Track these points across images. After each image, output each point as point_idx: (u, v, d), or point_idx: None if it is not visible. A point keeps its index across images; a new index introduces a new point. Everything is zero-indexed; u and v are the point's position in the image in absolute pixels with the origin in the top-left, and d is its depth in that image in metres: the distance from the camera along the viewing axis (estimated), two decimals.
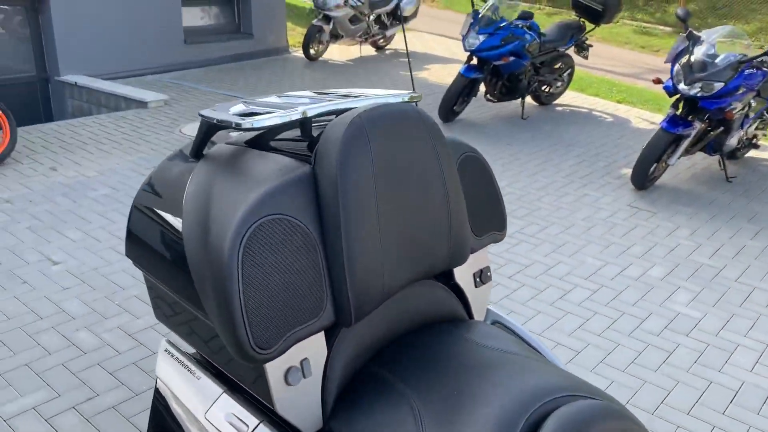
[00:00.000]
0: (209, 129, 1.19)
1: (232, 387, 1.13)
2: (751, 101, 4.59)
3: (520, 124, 5.83)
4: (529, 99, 6.42)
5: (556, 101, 6.60)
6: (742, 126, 4.65)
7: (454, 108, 5.59)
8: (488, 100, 5.87)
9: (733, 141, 4.62)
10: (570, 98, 6.81)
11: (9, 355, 2.47)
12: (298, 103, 1.19)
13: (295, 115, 1.11)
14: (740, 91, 4.20)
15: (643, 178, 4.33)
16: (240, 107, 1.18)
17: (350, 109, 1.17)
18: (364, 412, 1.00)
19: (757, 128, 4.97)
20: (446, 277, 1.31)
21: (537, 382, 0.98)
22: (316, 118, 1.22)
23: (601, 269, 3.38)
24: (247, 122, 1.06)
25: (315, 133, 1.20)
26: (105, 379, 2.36)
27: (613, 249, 3.61)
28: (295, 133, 1.26)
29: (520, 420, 0.89)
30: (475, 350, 1.08)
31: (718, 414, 2.37)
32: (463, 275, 1.31)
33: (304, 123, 1.16)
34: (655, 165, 4.33)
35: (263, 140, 1.23)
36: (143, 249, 1.18)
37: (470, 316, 1.33)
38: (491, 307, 1.45)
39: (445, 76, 7.57)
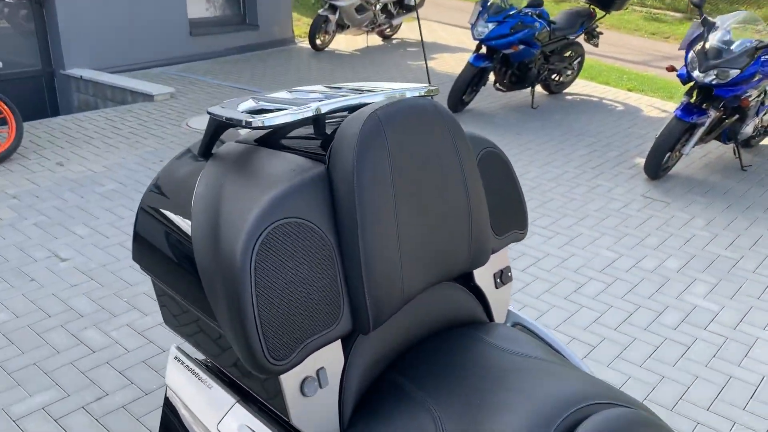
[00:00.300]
0: (218, 127, 1.14)
1: (245, 396, 1.08)
2: (767, 88, 4.50)
3: (530, 114, 5.76)
4: (538, 88, 6.34)
5: (566, 90, 6.51)
6: (757, 113, 4.56)
7: (464, 98, 5.52)
8: (497, 89, 5.79)
9: (748, 129, 4.54)
10: (580, 87, 6.72)
11: (17, 353, 2.44)
12: (310, 98, 1.13)
13: (308, 112, 1.06)
14: (756, 78, 4.11)
15: (657, 168, 4.26)
16: (249, 104, 1.13)
17: (365, 104, 1.11)
18: (382, 422, 0.95)
19: None
20: (466, 279, 1.25)
21: (565, 389, 0.93)
22: (330, 115, 1.16)
23: (615, 261, 3.32)
24: (257, 120, 1.01)
25: (329, 131, 1.15)
26: (114, 378, 2.33)
27: (628, 240, 3.55)
28: (308, 130, 1.21)
29: (550, 429, 0.84)
30: (497, 355, 1.03)
31: (739, 410, 2.31)
32: (483, 276, 1.26)
33: (318, 120, 1.11)
34: (668, 154, 4.25)
35: (275, 138, 1.18)
36: (151, 253, 1.14)
37: (490, 318, 1.27)
38: (511, 308, 1.40)
39: (453, 65, 7.49)
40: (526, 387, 0.93)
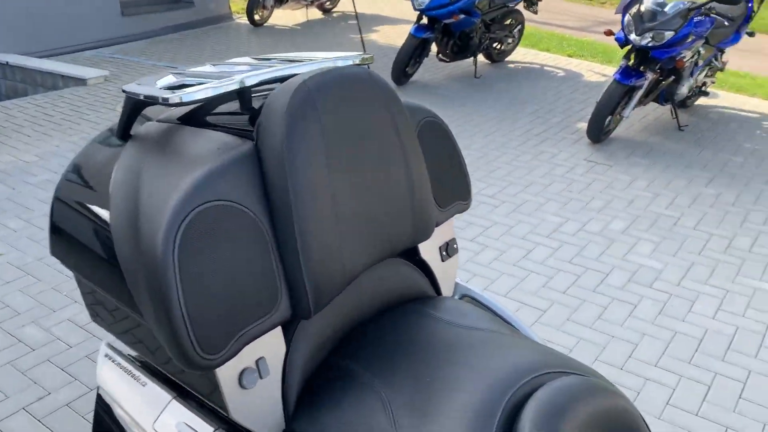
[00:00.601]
0: (135, 106, 1.06)
1: (182, 393, 1.03)
2: (700, 49, 4.60)
3: (473, 84, 5.76)
4: (481, 57, 6.34)
5: (508, 58, 6.53)
6: (692, 74, 4.67)
7: (407, 70, 5.47)
8: (441, 60, 5.76)
9: (684, 90, 4.64)
10: (521, 55, 6.76)
11: None
12: (235, 71, 1.07)
13: (231, 86, 0.99)
14: (690, 39, 4.19)
15: (599, 132, 4.32)
16: (169, 79, 1.06)
17: (295, 75, 1.06)
18: (329, 408, 0.92)
19: (706, 76, 5.01)
20: (411, 254, 1.22)
21: (515, 360, 0.91)
22: (257, 88, 1.10)
23: (562, 226, 3.37)
24: (175, 96, 0.94)
25: (257, 105, 1.08)
26: (56, 375, 2.24)
27: (573, 205, 3.60)
28: (236, 106, 1.14)
29: (500, 403, 0.83)
30: (446, 329, 1.01)
31: (685, 363, 2.39)
32: (428, 250, 1.23)
33: (243, 94, 1.04)
34: (609, 118, 4.32)
35: (198, 116, 1.11)
36: (70, 247, 1.06)
37: (438, 292, 1.25)
38: (459, 280, 1.38)
39: (395, 37, 7.41)
40: (476, 361, 0.92)
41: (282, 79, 1.08)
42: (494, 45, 6.16)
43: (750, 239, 3.30)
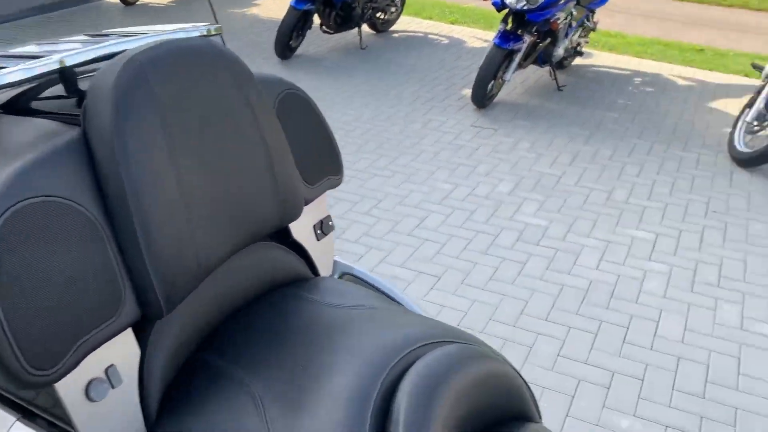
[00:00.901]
0: None
1: (27, 412, 0.94)
2: (573, 10, 4.77)
3: (360, 54, 5.71)
4: (365, 28, 6.29)
5: (393, 28, 6.52)
6: (566, 35, 4.84)
7: (290, 44, 5.33)
8: (324, 32, 5.66)
9: (560, 51, 4.81)
10: (405, 23, 6.76)
11: None
12: (60, 50, 0.96)
13: (49, 65, 0.89)
14: (562, 1, 4.33)
15: (483, 97, 4.40)
16: None
17: (125, 51, 0.96)
18: (194, 411, 0.86)
19: (580, 36, 5.20)
20: (282, 235, 1.17)
21: (394, 335, 0.89)
22: (87, 68, 1.00)
23: (452, 192, 3.42)
24: None
25: (85, 87, 0.98)
26: None
27: (462, 171, 3.66)
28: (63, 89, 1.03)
29: (376, 383, 0.80)
30: (322, 311, 0.97)
31: (572, 314, 2.49)
32: (301, 230, 1.18)
33: (66, 75, 0.94)
34: (492, 82, 4.40)
35: (22, 102, 0.99)
36: None
37: (316, 273, 1.21)
38: (338, 258, 1.35)
39: (276, 10, 7.21)
40: (354, 341, 0.88)
41: (112, 56, 0.97)
42: (377, 15, 6.12)
43: (626, 191, 3.49)
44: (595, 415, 2.02)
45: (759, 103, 3.73)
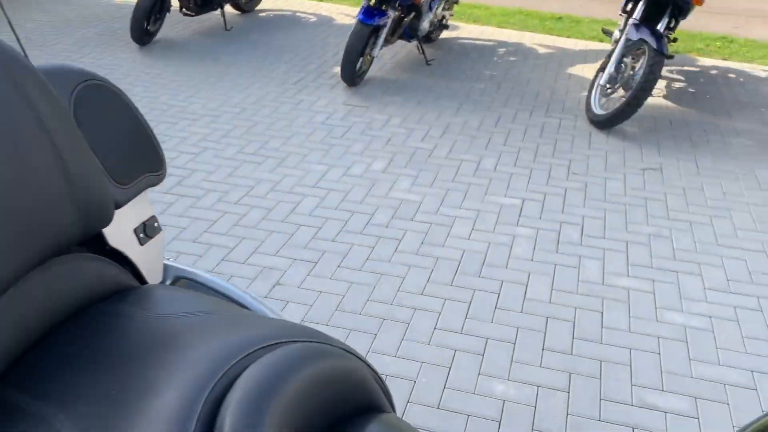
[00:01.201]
0: None
1: None
2: None
3: (225, 36, 5.49)
4: (228, 8, 6.05)
5: (258, 7, 6.32)
6: (430, 9, 4.88)
7: (148, 28, 5.03)
8: (185, 14, 5.38)
9: (425, 24, 4.85)
10: (271, 2, 6.57)
11: None
12: None
13: None
14: None
15: (353, 75, 4.37)
16: None
17: None
18: None
19: (444, 9, 5.27)
20: (98, 243, 1.07)
21: (225, 343, 0.82)
22: None
23: (326, 174, 3.37)
24: None
25: None
26: None
27: (335, 151, 3.62)
28: None
29: (199, 401, 0.73)
30: (147, 324, 0.88)
31: (447, 286, 2.54)
32: (119, 235, 1.07)
33: None
34: (361, 59, 4.37)
35: None
36: None
37: (143, 281, 1.12)
38: (170, 261, 1.26)
39: None
40: (181, 354, 0.81)
41: None
42: None
43: (494, 160, 3.59)
44: (472, 384, 2.07)
45: (610, 67, 3.94)
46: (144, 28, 4.98)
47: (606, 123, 3.89)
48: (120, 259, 1.08)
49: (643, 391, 2.07)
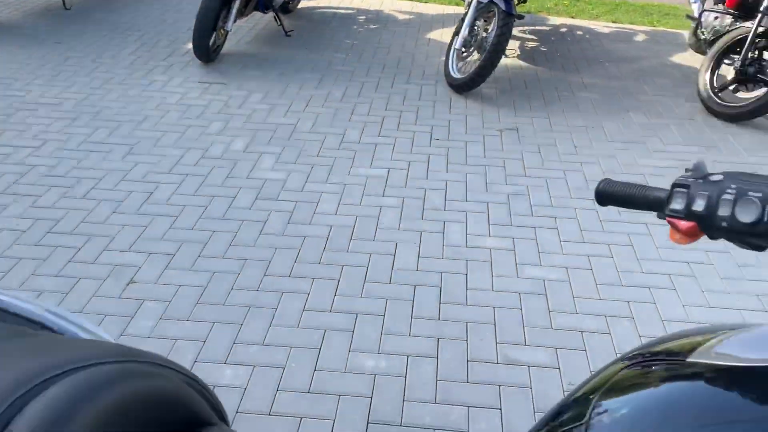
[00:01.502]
0: None
1: None
2: None
3: (63, 17, 5.05)
4: None
5: None
6: None
7: None
8: None
9: None
10: None
11: None
12: None
13: None
14: None
15: (206, 50, 4.16)
16: None
17: None
18: None
19: None
20: None
21: (5, 377, 0.72)
22: None
23: (183, 157, 3.19)
24: None
25: None
26: None
27: (192, 132, 3.44)
28: None
29: None
30: None
31: (315, 265, 2.49)
32: None
33: None
34: (214, 34, 4.16)
35: None
36: None
37: None
38: None
39: None
40: None
41: None
42: None
43: (358, 131, 3.55)
44: (342, 362, 2.04)
45: (463, 30, 4.00)
46: None
47: (464, 86, 3.95)
48: None
49: (507, 348, 2.14)
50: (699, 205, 0.69)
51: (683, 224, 0.71)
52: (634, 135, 3.61)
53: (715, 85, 3.84)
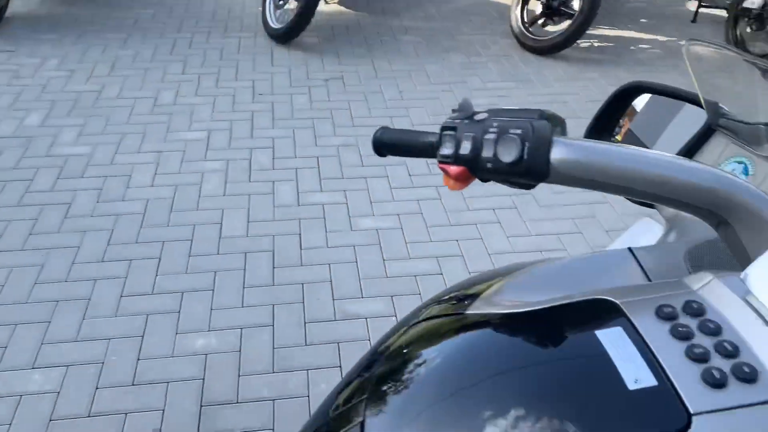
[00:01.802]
0: None
1: None
2: None
3: None
4: None
5: None
6: None
7: None
8: None
9: None
10: None
11: None
12: None
13: None
14: None
15: None
16: None
17: None
18: None
19: None
20: None
21: None
22: None
23: None
24: None
25: None
26: None
27: None
28: None
29: None
30: None
31: (132, 245, 2.27)
32: None
33: None
34: None
35: None
36: None
37: None
38: None
39: None
40: None
41: None
42: None
43: (173, 92, 3.29)
44: (169, 347, 1.89)
45: None
46: None
47: (284, 36, 3.78)
48: None
49: (344, 303, 2.09)
50: (465, 148, 0.64)
51: (453, 169, 0.65)
52: (455, 75, 3.66)
53: (525, 20, 3.98)
